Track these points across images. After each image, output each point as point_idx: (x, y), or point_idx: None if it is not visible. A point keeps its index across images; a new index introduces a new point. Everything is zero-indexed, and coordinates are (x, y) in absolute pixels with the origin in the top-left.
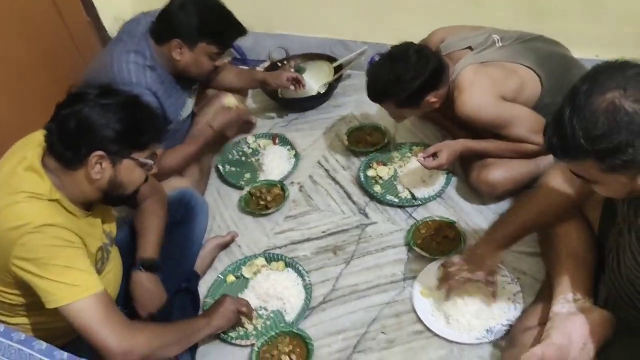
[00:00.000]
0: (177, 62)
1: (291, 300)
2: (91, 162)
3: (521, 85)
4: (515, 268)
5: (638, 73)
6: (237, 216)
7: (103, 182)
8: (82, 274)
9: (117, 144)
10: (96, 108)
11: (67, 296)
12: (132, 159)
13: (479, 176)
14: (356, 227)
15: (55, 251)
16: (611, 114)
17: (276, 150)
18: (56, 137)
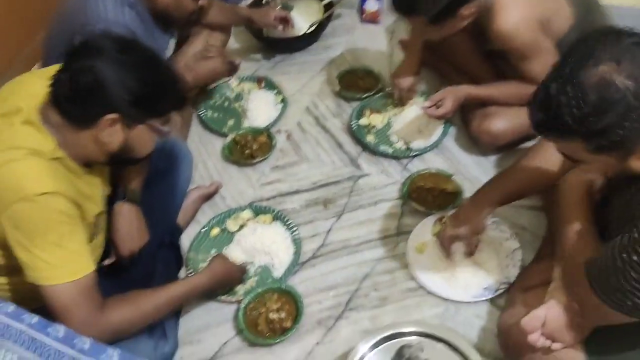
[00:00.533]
0: (156, 2)
1: (279, 255)
2: (103, 124)
3: (555, 13)
4: (515, 223)
5: (635, 43)
6: (221, 165)
7: (113, 146)
8: (71, 255)
9: (135, 108)
10: (114, 65)
11: (49, 277)
12: (147, 124)
13: (481, 126)
14: (348, 179)
15: (49, 226)
16: (602, 90)
17: (262, 95)
18: (65, 91)
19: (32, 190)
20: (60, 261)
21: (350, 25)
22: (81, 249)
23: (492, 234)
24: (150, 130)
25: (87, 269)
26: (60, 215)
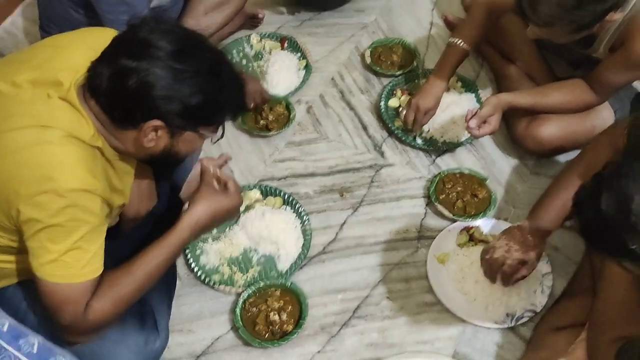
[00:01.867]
0: None
1: (286, 247)
2: (145, 130)
3: None
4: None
5: None
6: (232, 133)
7: (155, 150)
8: (87, 257)
9: (183, 119)
10: (166, 72)
11: (55, 275)
12: (197, 132)
13: (528, 129)
14: (369, 167)
15: (74, 226)
16: None
17: (284, 57)
18: (105, 88)
19: (65, 183)
20: (75, 262)
21: None
22: (99, 251)
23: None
24: (199, 137)
25: (97, 272)
26: (90, 216)
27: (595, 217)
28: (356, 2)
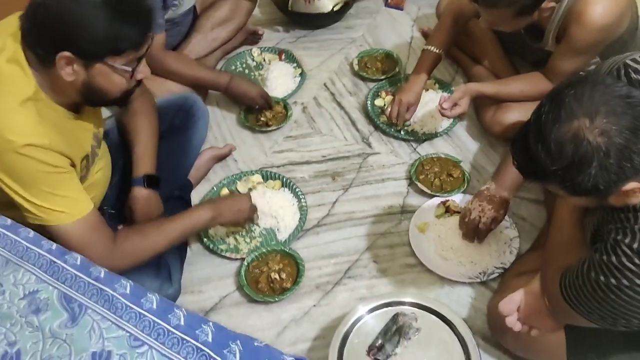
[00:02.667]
0: None
1: (285, 220)
2: (59, 64)
3: (626, 9)
4: (515, 213)
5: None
6: (235, 130)
7: (77, 84)
8: (66, 200)
9: (86, 47)
10: (67, 1)
11: (51, 219)
12: (106, 64)
13: (494, 117)
14: (358, 155)
15: (39, 176)
16: (575, 147)
17: (282, 67)
18: (27, 28)
19: (19, 141)
20: (58, 205)
21: (374, 8)
22: (76, 194)
23: None
24: (112, 70)
25: (87, 209)
26: (48, 167)
27: (524, 151)
28: (345, 20)
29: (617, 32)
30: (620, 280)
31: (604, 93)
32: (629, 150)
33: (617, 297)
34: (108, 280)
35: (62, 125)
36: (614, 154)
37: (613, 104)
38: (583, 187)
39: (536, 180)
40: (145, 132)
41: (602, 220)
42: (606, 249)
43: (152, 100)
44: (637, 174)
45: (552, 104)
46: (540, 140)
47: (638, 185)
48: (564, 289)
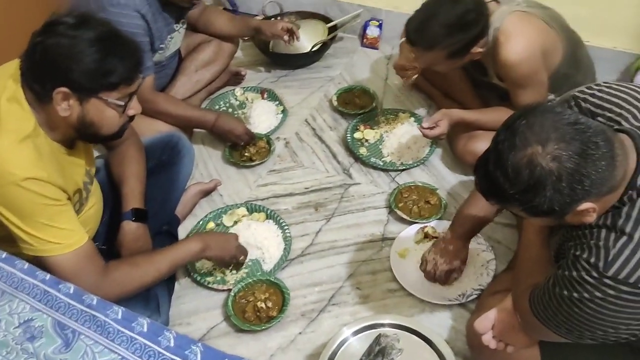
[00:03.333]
0: None
1: (270, 251)
2: (56, 99)
3: (552, 46)
4: (491, 237)
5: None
6: (221, 166)
7: (72, 120)
8: (63, 232)
9: (81, 82)
10: (64, 40)
11: (47, 250)
12: (100, 99)
13: (466, 147)
14: (339, 186)
15: (37, 209)
16: (530, 172)
17: (264, 105)
18: (26, 67)
19: (18, 175)
20: (54, 237)
21: (351, 48)
22: (72, 225)
23: (470, 245)
24: (105, 104)
25: (81, 240)
26: (46, 199)
27: (485, 176)
28: (324, 60)
29: (549, 63)
30: (582, 294)
31: (554, 121)
32: (579, 173)
33: (580, 310)
34: (100, 306)
35: (57, 160)
36: (566, 178)
37: (562, 131)
38: (540, 208)
39: (498, 202)
40: (133, 171)
41: (564, 238)
42: (567, 265)
43: (139, 142)
44: (590, 195)
45: (508, 132)
46: (498, 166)
47: (592, 206)
48: (533, 305)
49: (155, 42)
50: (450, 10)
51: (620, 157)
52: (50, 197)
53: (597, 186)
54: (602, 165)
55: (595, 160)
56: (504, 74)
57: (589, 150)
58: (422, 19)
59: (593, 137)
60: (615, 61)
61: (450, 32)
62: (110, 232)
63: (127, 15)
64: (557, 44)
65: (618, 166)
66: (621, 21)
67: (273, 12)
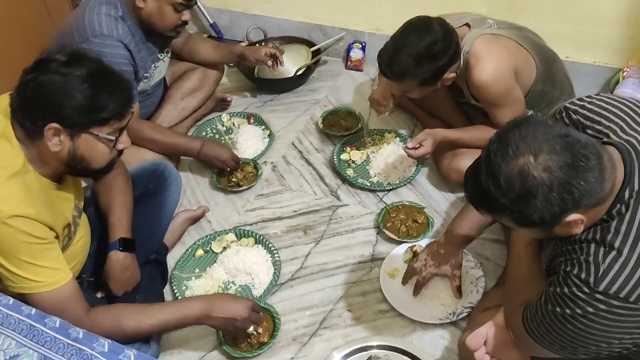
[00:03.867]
0: (140, 12)
1: (260, 276)
2: (47, 135)
3: (524, 65)
4: (479, 253)
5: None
6: (208, 192)
7: (63, 155)
8: (45, 270)
9: (73, 118)
10: (57, 77)
11: (30, 288)
12: (91, 134)
13: (450, 164)
14: (327, 208)
15: (21, 247)
16: (522, 182)
17: (250, 130)
18: (17, 104)
19: (5, 212)
20: (37, 275)
21: (336, 71)
22: (56, 264)
23: None
24: (96, 139)
25: (64, 279)
26: (32, 238)
27: (476, 186)
28: (309, 83)
29: (523, 82)
30: (574, 310)
31: (546, 132)
32: (570, 184)
33: (573, 327)
34: (87, 340)
35: (46, 195)
36: (557, 188)
37: (554, 142)
38: (530, 218)
39: (488, 212)
40: (119, 201)
41: (553, 253)
42: (558, 281)
43: (126, 172)
44: (579, 207)
45: (500, 142)
46: (490, 175)
47: (580, 217)
48: (525, 322)
49: (140, 71)
50: (419, 41)
51: (608, 170)
52: (35, 236)
53: (586, 198)
54: (591, 177)
55: (584, 172)
56: (478, 95)
57: (579, 162)
58: (392, 51)
59: (583, 149)
60: (596, 76)
61: (419, 63)
62: (98, 263)
63: (110, 46)
64: (530, 62)
65: (606, 179)
66: (601, 37)
67: (257, 38)
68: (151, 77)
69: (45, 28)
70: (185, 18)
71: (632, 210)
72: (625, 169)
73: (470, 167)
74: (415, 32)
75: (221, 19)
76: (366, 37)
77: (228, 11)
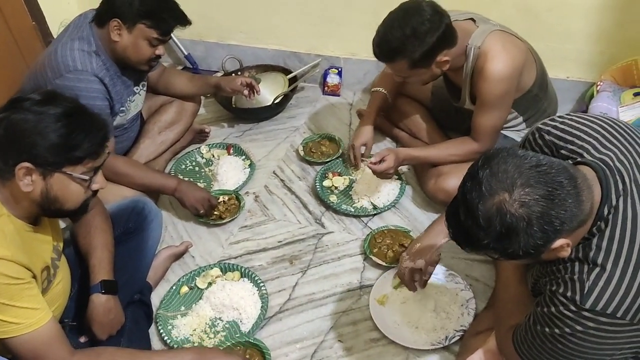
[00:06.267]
0: (115, 45)
1: (247, 310)
2: (18, 174)
3: (529, 66)
4: (469, 275)
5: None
6: (191, 227)
7: (35, 195)
8: (25, 311)
9: (46, 156)
10: (29, 115)
11: (7, 332)
12: (64, 173)
13: (436, 184)
14: (312, 236)
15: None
16: (500, 220)
17: (231, 160)
18: None
19: None
20: (15, 317)
21: (313, 97)
22: (35, 304)
23: (448, 285)
24: (70, 179)
25: (43, 319)
26: (8, 279)
27: (457, 225)
28: (287, 110)
29: (523, 83)
30: (563, 329)
31: (517, 166)
32: (548, 215)
33: (563, 346)
34: None
35: (21, 238)
36: (536, 221)
37: (526, 175)
38: (516, 253)
39: (473, 251)
40: (99, 241)
41: (538, 274)
42: (545, 301)
43: (105, 211)
44: (561, 233)
45: (473, 182)
46: (469, 217)
47: (565, 242)
48: (516, 345)
49: (116, 105)
50: (406, 21)
51: (585, 192)
52: (12, 277)
53: (567, 224)
54: (569, 203)
55: (562, 200)
56: (481, 88)
57: (555, 192)
58: (382, 33)
59: (556, 176)
60: (570, 91)
61: (405, 42)
62: (79, 307)
63: (84, 80)
64: (532, 65)
65: (584, 200)
66: (573, 52)
67: (233, 67)
68: (128, 111)
69: (17, 67)
70: (159, 52)
71: (612, 226)
72: (601, 187)
73: (450, 206)
74: (404, 13)
75: (196, 50)
76: (342, 62)
77: (202, 42)
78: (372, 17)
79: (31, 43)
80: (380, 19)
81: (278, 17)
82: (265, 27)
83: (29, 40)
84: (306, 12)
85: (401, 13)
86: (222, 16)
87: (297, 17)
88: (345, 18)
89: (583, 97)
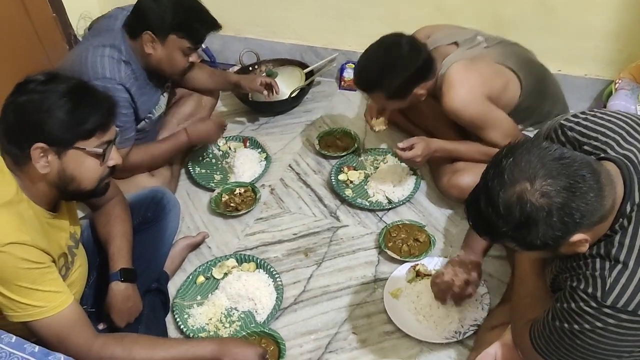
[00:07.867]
0: (149, 57)
1: (262, 301)
2: (34, 156)
3: (505, 86)
4: (483, 270)
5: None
6: (207, 218)
7: (53, 176)
8: (48, 295)
9: (57, 134)
10: (34, 95)
11: (31, 315)
12: (78, 148)
13: (450, 181)
14: (327, 229)
15: (20, 273)
16: (520, 209)
17: (247, 153)
18: (1, 132)
19: (1, 240)
20: (38, 301)
21: (329, 92)
22: (57, 287)
23: None
24: (84, 154)
25: (67, 301)
26: (29, 263)
27: (477, 214)
28: (303, 105)
29: (506, 101)
30: (582, 325)
31: (540, 157)
32: (569, 207)
33: (582, 342)
34: None
35: (40, 224)
36: (556, 213)
37: (549, 166)
38: (534, 243)
39: (492, 239)
40: (119, 230)
41: (558, 269)
42: (565, 297)
43: (124, 201)
44: (581, 227)
45: (496, 170)
46: (490, 204)
47: (584, 237)
48: (533, 340)
49: (141, 114)
50: (383, 56)
51: (607, 187)
52: (33, 261)
53: (587, 218)
54: (590, 197)
55: (583, 193)
56: (455, 120)
57: (577, 184)
58: (360, 66)
59: (579, 170)
60: (588, 88)
61: (381, 77)
62: (98, 294)
63: (111, 89)
64: (511, 83)
65: (606, 196)
66: (591, 49)
67: (250, 61)
68: (153, 116)
69: (38, 57)
70: (193, 59)
71: (635, 223)
72: (624, 184)
73: (470, 194)
74: (382, 48)
75: (213, 44)
76: (358, 57)
77: (219, 35)
78: (388, 11)
79: (51, 34)
80: (397, 14)
81: (294, 11)
82: (281, 21)
83: (49, 32)
84: (323, 7)
85: (380, 48)
86: (237, 9)
87: (314, 11)
88: (362, 12)
89: (601, 95)
